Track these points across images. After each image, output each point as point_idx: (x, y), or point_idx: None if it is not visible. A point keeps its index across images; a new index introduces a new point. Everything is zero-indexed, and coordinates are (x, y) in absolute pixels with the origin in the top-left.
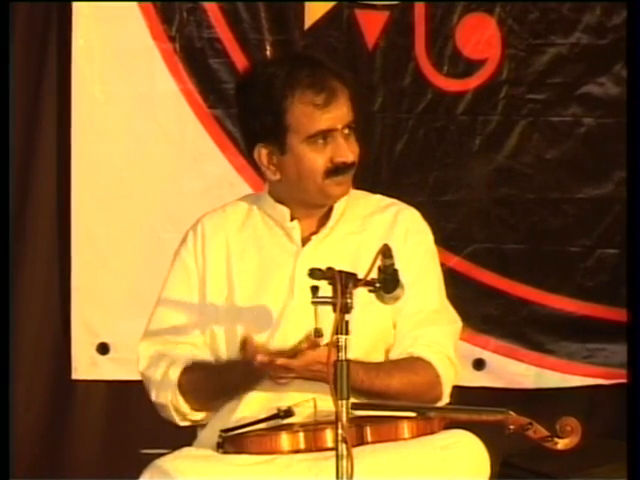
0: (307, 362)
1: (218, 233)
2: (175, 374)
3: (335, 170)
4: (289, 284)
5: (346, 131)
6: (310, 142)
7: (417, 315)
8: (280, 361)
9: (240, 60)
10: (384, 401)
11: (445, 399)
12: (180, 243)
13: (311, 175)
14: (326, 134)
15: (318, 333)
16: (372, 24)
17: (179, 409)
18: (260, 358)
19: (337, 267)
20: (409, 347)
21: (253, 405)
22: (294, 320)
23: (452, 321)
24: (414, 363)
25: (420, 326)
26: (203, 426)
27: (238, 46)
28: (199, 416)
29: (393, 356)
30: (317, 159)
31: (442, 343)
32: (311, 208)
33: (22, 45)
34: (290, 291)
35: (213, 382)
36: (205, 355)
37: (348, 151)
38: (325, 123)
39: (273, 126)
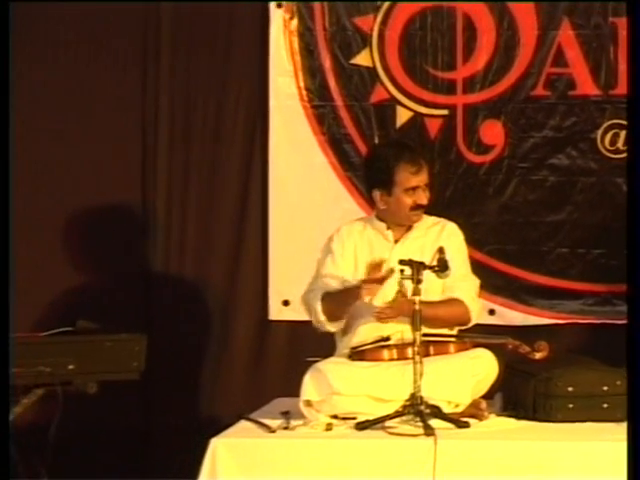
0: (397, 310)
1: (350, 236)
2: (319, 295)
3: (416, 207)
4: (387, 266)
5: (424, 187)
6: (406, 191)
7: (454, 277)
8: (382, 307)
9: (361, 145)
10: (440, 333)
11: (473, 321)
12: (329, 239)
13: (404, 209)
14: (415, 188)
15: (403, 294)
16: (433, 126)
17: (318, 317)
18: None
19: (413, 257)
20: (450, 293)
21: (366, 334)
22: (390, 286)
23: (474, 279)
24: (452, 301)
25: (456, 282)
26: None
27: (360, 137)
28: (330, 325)
29: (442, 298)
30: (408, 201)
31: (468, 290)
32: (398, 224)
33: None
34: (389, 269)
35: (337, 295)
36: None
37: (424, 198)
38: (415, 183)
39: (386, 181)
